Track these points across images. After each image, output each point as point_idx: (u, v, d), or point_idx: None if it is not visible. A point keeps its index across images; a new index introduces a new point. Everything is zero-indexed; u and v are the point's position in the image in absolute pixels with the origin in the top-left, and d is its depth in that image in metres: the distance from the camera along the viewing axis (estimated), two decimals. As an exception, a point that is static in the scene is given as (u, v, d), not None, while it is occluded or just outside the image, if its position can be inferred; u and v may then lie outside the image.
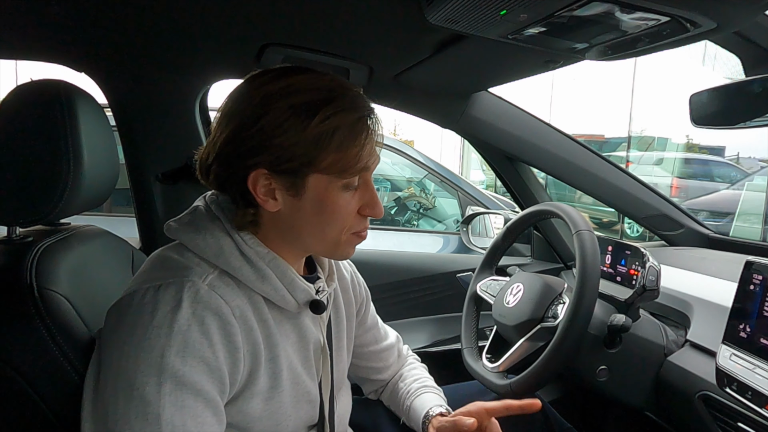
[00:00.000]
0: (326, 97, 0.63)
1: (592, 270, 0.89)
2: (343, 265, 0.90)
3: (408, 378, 1.00)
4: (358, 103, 0.65)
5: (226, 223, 0.67)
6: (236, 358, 0.62)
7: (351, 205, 0.67)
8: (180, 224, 0.68)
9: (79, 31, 1.01)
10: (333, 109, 0.63)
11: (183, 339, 0.57)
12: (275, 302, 0.68)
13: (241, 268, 0.65)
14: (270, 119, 0.61)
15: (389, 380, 1.01)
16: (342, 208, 0.66)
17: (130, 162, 1.32)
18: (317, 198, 0.65)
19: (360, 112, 0.65)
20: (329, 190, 0.65)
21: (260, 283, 0.66)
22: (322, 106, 0.62)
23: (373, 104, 0.68)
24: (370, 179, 0.69)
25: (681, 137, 8.97)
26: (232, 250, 0.65)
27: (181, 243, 0.67)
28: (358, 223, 0.69)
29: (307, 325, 0.73)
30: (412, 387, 0.96)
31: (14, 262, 0.69)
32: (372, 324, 0.96)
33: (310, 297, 0.71)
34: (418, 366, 1.03)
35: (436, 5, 0.70)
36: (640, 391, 1.01)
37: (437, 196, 3.19)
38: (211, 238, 0.65)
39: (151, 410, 0.54)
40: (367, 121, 0.65)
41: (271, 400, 0.67)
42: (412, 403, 0.92)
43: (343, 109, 0.64)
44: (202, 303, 0.60)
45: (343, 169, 0.64)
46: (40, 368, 0.65)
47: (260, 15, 0.90)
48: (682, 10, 0.63)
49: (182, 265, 0.64)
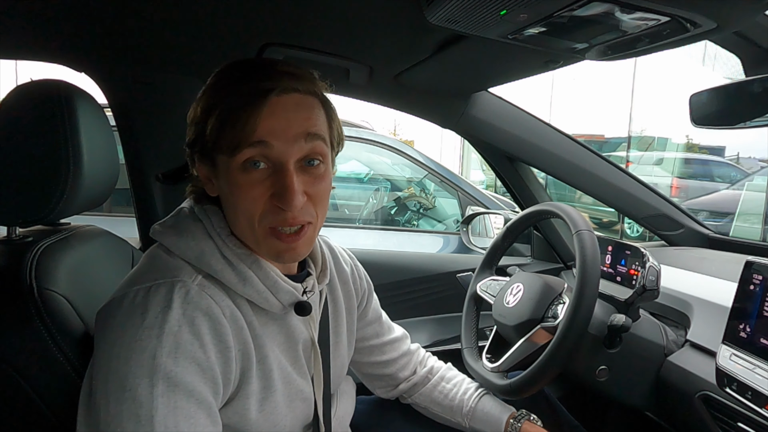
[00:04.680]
0: (226, 71, 0.66)
1: (592, 270, 0.88)
2: (342, 258, 0.89)
3: (453, 378, 1.01)
4: (256, 75, 0.63)
5: (209, 225, 0.67)
6: (228, 358, 0.61)
7: (256, 189, 0.62)
8: (163, 227, 0.68)
9: (79, 31, 1.01)
10: (225, 80, 0.64)
11: (174, 340, 0.57)
12: (259, 305, 0.67)
13: (222, 271, 0.64)
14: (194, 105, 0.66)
15: (409, 379, 1.00)
16: (244, 190, 0.62)
17: (130, 162, 1.31)
18: (225, 179, 0.63)
19: (254, 85, 0.61)
20: (231, 170, 0.62)
21: (242, 286, 0.65)
22: (215, 80, 0.65)
23: (373, 104, 0.68)
24: (286, 164, 0.62)
25: (681, 137, 8.98)
26: (213, 253, 0.65)
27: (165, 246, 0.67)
28: (272, 213, 0.62)
29: (294, 324, 0.72)
30: (469, 388, 0.99)
31: (14, 262, 0.69)
32: (374, 318, 0.96)
33: (295, 298, 0.70)
34: (451, 367, 1.05)
35: (436, 5, 0.70)
36: (640, 391, 1.01)
37: (437, 196, 3.19)
38: (192, 240, 0.65)
39: (144, 412, 0.54)
40: (264, 94, 0.61)
41: (266, 401, 0.67)
42: (477, 403, 0.96)
43: (235, 80, 0.63)
44: (192, 303, 0.60)
45: (233, 144, 0.61)
46: (40, 368, 0.65)
47: (260, 15, 0.90)
48: (682, 10, 0.63)
49: (172, 265, 0.64)
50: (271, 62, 0.66)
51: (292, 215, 0.62)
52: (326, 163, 0.66)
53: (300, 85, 0.64)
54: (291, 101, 0.63)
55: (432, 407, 0.99)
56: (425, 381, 1.01)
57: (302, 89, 0.64)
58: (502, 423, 0.93)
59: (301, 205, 0.62)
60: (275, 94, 0.61)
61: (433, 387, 1.00)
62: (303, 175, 0.63)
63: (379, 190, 3.42)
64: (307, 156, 0.64)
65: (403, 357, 1.00)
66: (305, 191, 0.63)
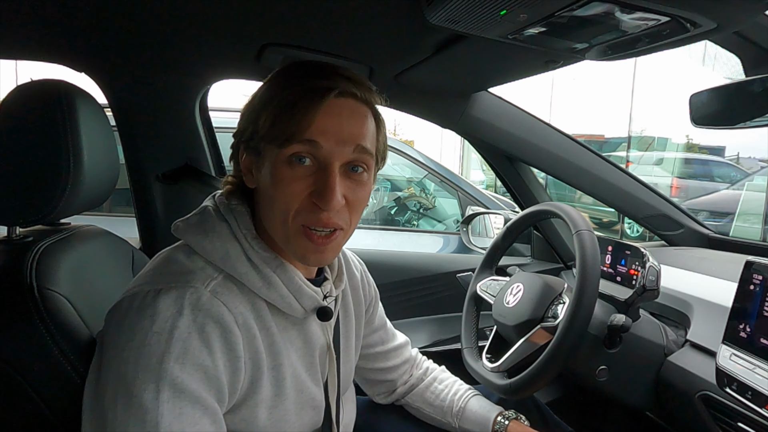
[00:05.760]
0: (288, 68, 0.66)
1: (592, 270, 0.88)
2: (354, 263, 0.89)
3: (446, 380, 1.01)
4: (317, 74, 0.64)
5: (235, 226, 0.66)
6: (237, 367, 0.61)
7: (298, 184, 0.62)
8: (188, 225, 0.68)
9: (79, 31, 1.01)
10: (285, 76, 0.65)
11: (183, 346, 0.56)
12: (281, 309, 0.67)
13: (247, 274, 0.64)
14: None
15: (407, 382, 1.01)
16: (285, 183, 0.62)
17: (130, 162, 1.32)
18: (269, 170, 0.63)
19: (314, 82, 0.62)
20: (276, 163, 0.62)
21: (266, 289, 0.65)
22: (276, 74, 0.66)
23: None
24: (331, 165, 0.62)
25: (681, 137, 8.98)
26: (238, 255, 0.65)
27: (188, 244, 0.66)
28: (307, 211, 0.62)
29: (313, 330, 0.72)
30: (460, 389, 0.99)
31: (14, 262, 0.69)
32: (379, 325, 0.96)
33: (318, 304, 0.70)
34: (445, 369, 1.05)
35: (436, 5, 0.70)
36: (640, 391, 1.01)
37: (437, 196, 3.19)
38: (218, 241, 0.65)
39: (150, 417, 0.54)
40: (322, 93, 0.61)
41: (275, 408, 0.67)
42: (467, 404, 0.96)
43: (297, 77, 0.64)
44: (203, 311, 0.59)
45: (284, 137, 0.61)
46: (40, 368, 0.65)
47: (260, 15, 0.89)
48: (682, 10, 0.63)
49: (186, 270, 0.63)
50: (333, 65, 0.67)
51: (327, 215, 0.62)
52: (369, 173, 0.67)
53: (358, 91, 0.64)
54: (347, 105, 0.63)
55: (424, 408, 0.99)
56: (418, 382, 1.01)
57: (359, 96, 0.65)
58: (489, 421, 0.93)
59: (339, 207, 0.62)
60: (334, 95, 0.62)
61: (426, 388, 1.00)
62: (345, 180, 0.64)
63: (379, 190, 3.42)
64: (352, 162, 0.64)
65: (405, 364, 1.01)
66: (345, 195, 0.63)
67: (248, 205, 0.69)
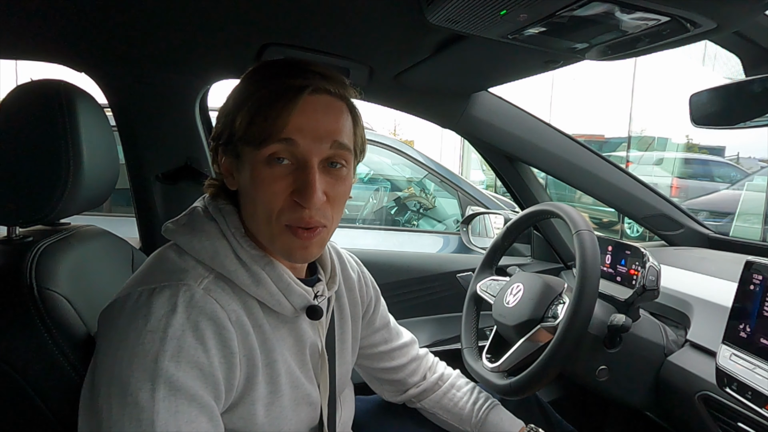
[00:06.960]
0: (260, 68, 0.66)
1: (592, 270, 0.88)
2: (350, 264, 0.89)
3: (464, 387, 1.01)
4: (289, 72, 0.64)
5: (223, 225, 0.67)
6: (232, 363, 0.61)
7: (278, 183, 0.62)
8: (177, 226, 0.68)
9: (79, 31, 1.01)
10: (259, 76, 0.65)
11: (177, 344, 0.57)
12: (271, 307, 0.67)
13: (236, 272, 0.64)
14: None
15: (419, 384, 1.00)
16: (266, 184, 0.62)
17: (130, 162, 1.32)
18: (248, 172, 0.64)
19: (287, 81, 0.62)
20: (255, 164, 0.62)
21: (255, 287, 0.65)
22: (250, 75, 0.66)
23: (373, 104, 0.68)
24: (310, 162, 0.62)
25: (681, 137, 8.99)
26: (227, 253, 0.65)
27: (177, 244, 0.67)
28: (290, 210, 0.63)
29: (304, 329, 0.73)
30: (480, 398, 0.98)
31: (14, 262, 0.69)
32: (382, 324, 0.96)
33: (308, 302, 0.70)
34: (461, 375, 1.05)
35: (436, 5, 0.70)
36: (640, 391, 1.01)
37: (437, 196, 3.19)
38: (207, 240, 0.65)
39: (145, 416, 0.54)
40: (296, 91, 0.61)
41: (272, 405, 0.67)
42: (488, 415, 0.95)
43: (269, 76, 0.64)
44: (197, 308, 0.59)
45: (260, 138, 0.61)
46: (40, 368, 0.65)
47: (260, 15, 0.90)
48: (682, 10, 0.63)
49: (179, 268, 0.63)
50: (305, 62, 0.67)
51: (309, 214, 0.62)
52: (348, 168, 0.67)
53: (331, 87, 0.65)
54: (321, 102, 0.64)
55: (440, 413, 0.98)
56: (435, 387, 1.00)
57: (333, 91, 0.65)
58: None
59: (320, 203, 0.62)
60: (308, 93, 0.62)
61: (443, 394, 0.99)
62: (325, 176, 0.64)
63: (379, 190, 3.42)
64: (331, 158, 0.65)
65: (412, 362, 1.00)
66: (325, 191, 0.64)
67: (234, 206, 0.69)
